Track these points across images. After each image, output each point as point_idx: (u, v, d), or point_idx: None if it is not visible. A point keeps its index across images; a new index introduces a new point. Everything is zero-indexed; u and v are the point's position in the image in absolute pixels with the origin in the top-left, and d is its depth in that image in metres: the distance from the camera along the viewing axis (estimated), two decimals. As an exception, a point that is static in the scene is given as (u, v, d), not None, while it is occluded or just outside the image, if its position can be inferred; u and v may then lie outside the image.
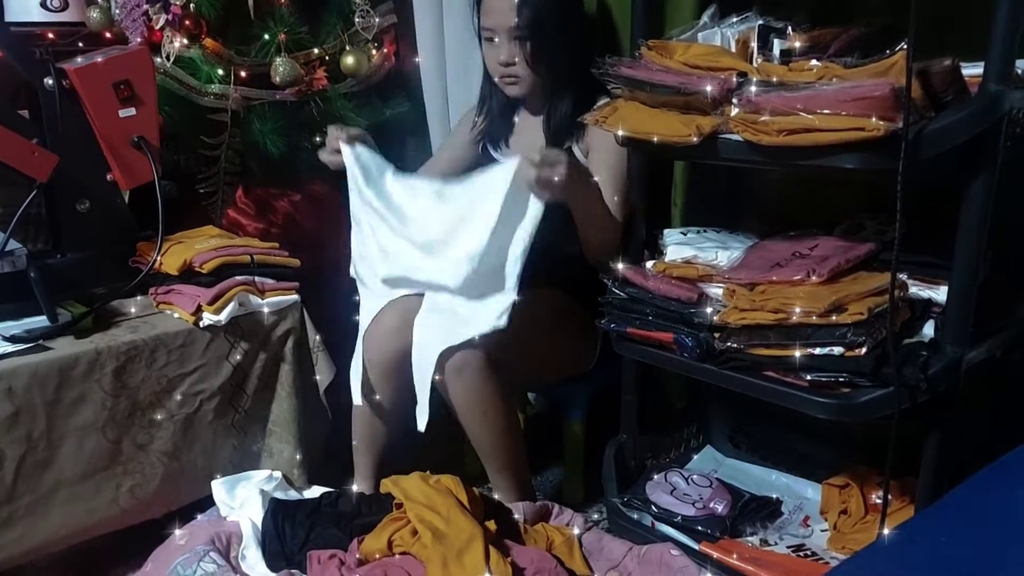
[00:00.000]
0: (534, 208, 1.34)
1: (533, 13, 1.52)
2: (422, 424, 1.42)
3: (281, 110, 1.92)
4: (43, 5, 1.95)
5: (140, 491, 1.44)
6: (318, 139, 1.82)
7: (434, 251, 1.45)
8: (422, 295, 1.51)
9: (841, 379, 1.12)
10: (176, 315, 1.48)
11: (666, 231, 1.42)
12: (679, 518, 1.41)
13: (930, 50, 0.99)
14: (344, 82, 1.98)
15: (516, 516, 1.40)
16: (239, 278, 1.50)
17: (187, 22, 1.81)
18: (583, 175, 1.41)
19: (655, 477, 1.51)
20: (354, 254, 1.56)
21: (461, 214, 1.41)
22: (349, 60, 1.96)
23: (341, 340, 1.65)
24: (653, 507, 1.44)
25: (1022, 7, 0.96)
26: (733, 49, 1.25)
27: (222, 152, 1.92)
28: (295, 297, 1.57)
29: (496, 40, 1.57)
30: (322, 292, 1.68)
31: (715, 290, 1.27)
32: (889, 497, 1.15)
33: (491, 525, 1.28)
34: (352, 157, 1.49)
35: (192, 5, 1.82)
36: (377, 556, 1.26)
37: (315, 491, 1.52)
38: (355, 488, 1.59)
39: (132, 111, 1.52)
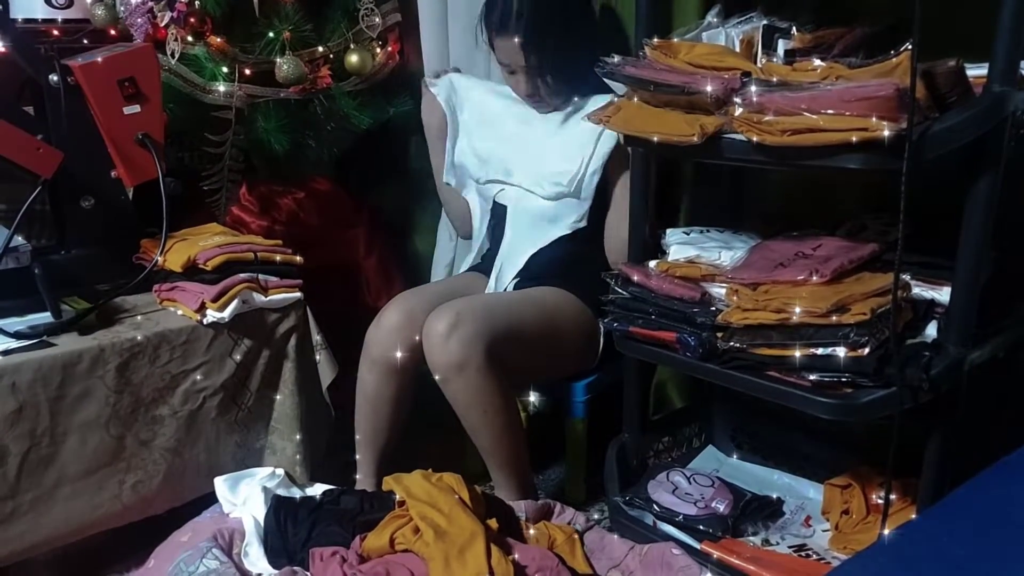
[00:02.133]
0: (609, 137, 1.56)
1: (541, 54, 1.53)
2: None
3: (285, 108, 1.93)
4: (48, 2, 1.95)
5: (143, 487, 1.44)
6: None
7: (527, 163, 1.66)
8: (426, 293, 1.52)
9: (843, 379, 1.12)
10: (180, 312, 1.48)
11: (669, 231, 1.43)
12: (681, 517, 1.41)
13: (934, 51, 0.99)
14: (348, 80, 1.98)
15: (518, 514, 1.41)
16: (243, 275, 1.50)
17: (192, 19, 1.82)
18: None
19: (657, 476, 1.51)
20: (446, 164, 1.80)
21: (551, 133, 1.64)
22: (353, 58, 1.96)
23: (344, 338, 1.66)
24: (655, 506, 1.45)
25: (1027, 8, 0.96)
26: (737, 49, 1.25)
27: (226, 149, 1.92)
28: (298, 295, 1.57)
29: (516, 73, 1.58)
30: (325, 290, 1.68)
31: (718, 290, 1.27)
32: (891, 497, 1.15)
33: (493, 523, 1.28)
34: (442, 90, 1.78)
35: (197, 3, 1.82)
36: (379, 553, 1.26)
37: (317, 488, 1.52)
38: (357, 485, 1.59)
39: (137, 108, 1.52)
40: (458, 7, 1.84)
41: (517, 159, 1.67)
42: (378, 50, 2.02)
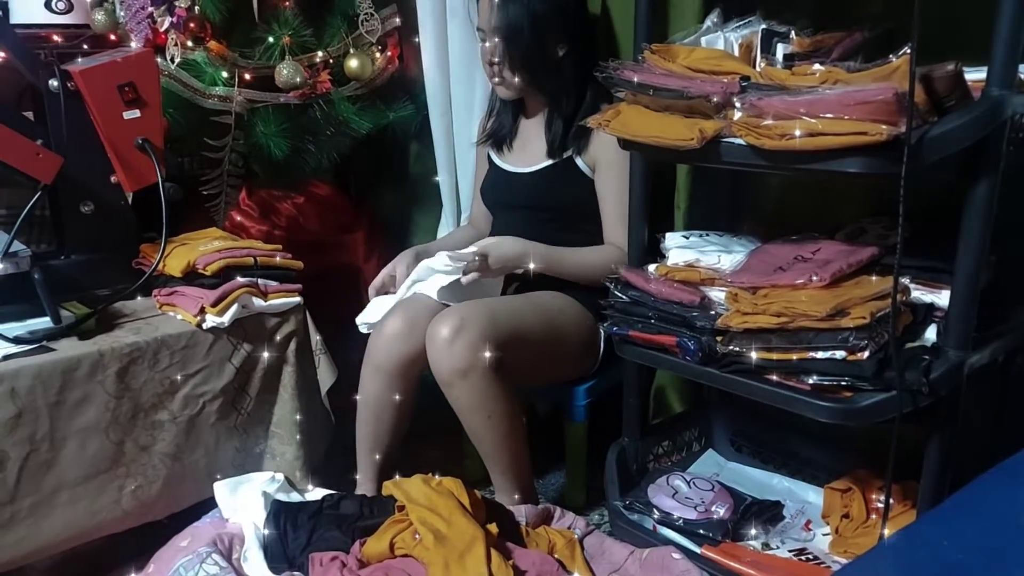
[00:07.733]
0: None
1: (509, 14, 1.52)
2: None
3: (285, 113, 1.93)
4: (48, 7, 1.96)
5: (142, 493, 1.44)
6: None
7: None
8: (428, 297, 1.52)
9: (843, 383, 1.12)
10: (179, 317, 1.48)
11: (668, 235, 1.43)
12: (681, 521, 1.41)
13: (933, 55, 0.99)
14: (348, 85, 1.99)
15: (518, 519, 1.41)
16: (242, 280, 1.50)
17: (192, 25, 1.82)
18: (513, 258, 1.52)
19: (657, 480, 1.51)
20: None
21: None
22: (353, 63, 1.96)
23: (343, 342, 1.66)
24: (655, 510, 1.44)
25: (1025, 12, 0.96)
26: (736, 53, 1.25)
27: (226, 154, 1.92)
28: (298, 299, 1.57)
29: (486, 42, 1.58)
30: (325, 294, 1.69)
31: (717, 294, 1.27)
32: (891, 501, 1.15)
33: (493, 528, 1.28)
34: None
35: (197, 8, 1.82)
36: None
37: (317, 493, 1.52)
38: (357, 490, 1.59)
39: (136, 113, 1.52)
40: (457, 11, 1.84)
41: None
42: (378, 55, 2.03)
